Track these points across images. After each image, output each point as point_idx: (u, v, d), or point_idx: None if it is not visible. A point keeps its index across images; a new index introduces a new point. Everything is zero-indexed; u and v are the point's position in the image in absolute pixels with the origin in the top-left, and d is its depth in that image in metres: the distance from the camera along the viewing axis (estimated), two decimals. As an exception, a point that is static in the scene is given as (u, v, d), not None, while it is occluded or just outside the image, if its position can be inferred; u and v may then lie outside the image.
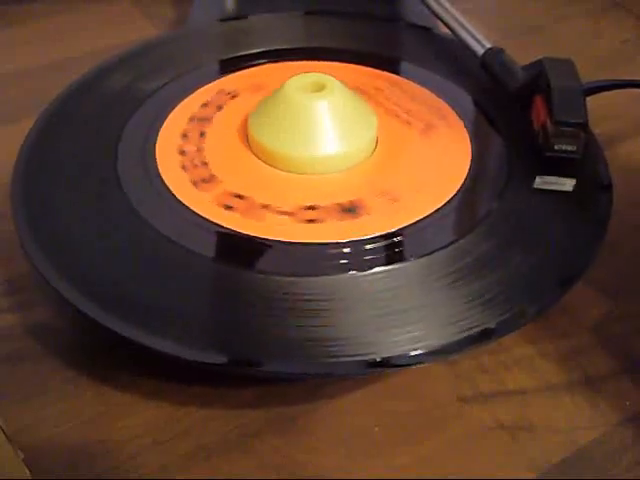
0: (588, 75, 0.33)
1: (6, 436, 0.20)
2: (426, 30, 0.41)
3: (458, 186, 0.31)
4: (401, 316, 0.26)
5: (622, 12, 0.50)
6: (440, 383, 0.27)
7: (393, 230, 0.29)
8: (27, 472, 0.22)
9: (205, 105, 0.35)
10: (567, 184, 0.31)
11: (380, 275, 0.27)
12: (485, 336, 0.25)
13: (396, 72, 0.38)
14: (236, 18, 0.42)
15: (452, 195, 0.30)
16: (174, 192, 0.30)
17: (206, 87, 0.36)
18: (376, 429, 0.25)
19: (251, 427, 0.25)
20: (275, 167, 0.32)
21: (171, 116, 0.34)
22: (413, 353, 0.25)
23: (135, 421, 0.26)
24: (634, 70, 0.44)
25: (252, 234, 0.28)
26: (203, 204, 0.30)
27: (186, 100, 0.35)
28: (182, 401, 0.26)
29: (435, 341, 0.25)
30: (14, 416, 0.25)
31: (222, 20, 0.42)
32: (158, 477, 0.24)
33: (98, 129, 0.33)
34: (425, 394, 0.27)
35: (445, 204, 0.30)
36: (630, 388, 0.27)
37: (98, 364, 0.27)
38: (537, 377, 0.27)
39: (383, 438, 0.25)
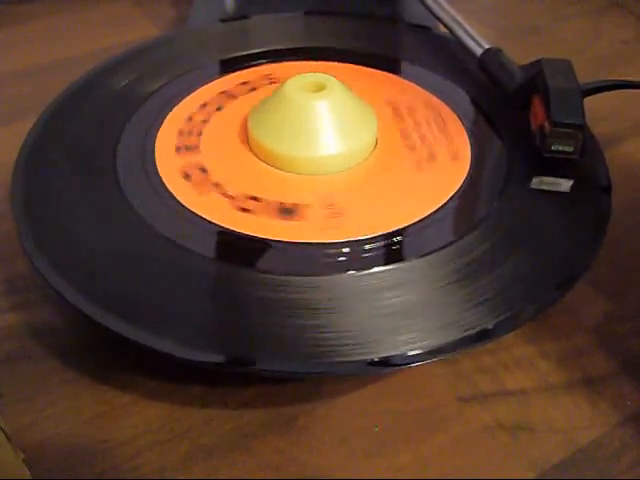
0: (588, 75, 0.33)
1: (6, 436, 0.20)
2: (426, 30, 0.41)
3: (457, 187, 0.31)
4: (399, 316, 0.26)
5: (622, 12, 0.50)
6: (440, 383, 0.27)
7: (392, 230, 0.29)
8: (27, 472, 0.22)
9: (204, 105, 0.35)
10: (564, 185, 0.31)
11: (379, 275, 0.27)
12: (484, 336, 0.25)
13: (396, 72, 0.38)
14: (236, 18, 0.42)
15: (451, 196, 0.30)
16: (173, 193, 0.30)
17: (206, 87, 0.36)
18: (376, 429, 0.26)
19: (251, 427, 0.25)
20: (275, 167, 0.32)
21: (170, 116, 0.34)
22: (411, 353, 0.25)
23: (135, 421, 0.26)
24: (634, 70, 0.44)
25: (251, 233, 0.28)
26: (202, 204, 0.30)
27: (185, 100, 0.35)
28: (182, 401, 0.26)
29: (433, 341, 0.25)
30: (14, 416, 0.25)
31: (222, 20, 0.42)
32: (158, 477, 0.24)
33: (98, 129, 0.34)
34: (425, 394, 0.27)
35: (444, 204, 0.30)
36: (630, 388, 0.27)
37: (98, 364, 0.27)
38: (537, 377, 0.27)
39: (383, 438, 0.25)
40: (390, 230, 0.29)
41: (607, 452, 0.25)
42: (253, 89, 0.36)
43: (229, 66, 0.38)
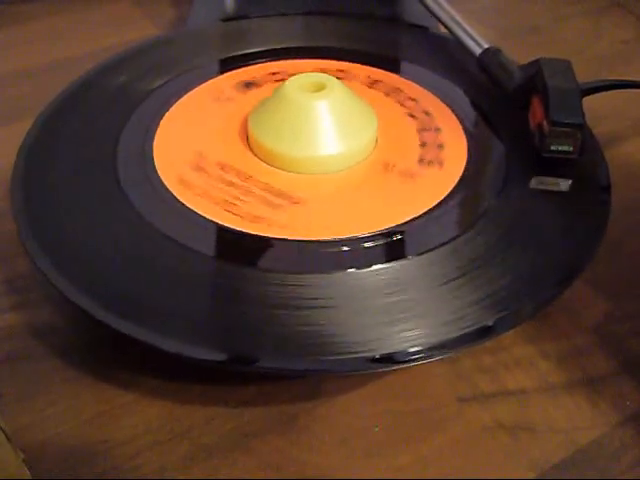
0: (588, 75, 0.33)
1: (6, 436, 0.20)
2: (425, 30, 0.41)
3: (454, 185, 0.31)
4: (400, 313, 0.26)
5: (622, 12, 0.50)
6: (440, 383, 0.27)
7: (391, 227, 0.29)
8: (27, 472, 0.22)
9: (204, 105, 0.35)
10: (562, 185, 0.31)
11: (379, 272, 0.27)
12: (484, 333, 0.25)
13: (395, 72, 0.38)
14: (236, 18, 0.42)
15: (449, 193, 0.30)
16: (173, 192, 0.30)
17: (205, 86, 0.36)
18: (376, 429, 0.26)
19: (251, 426, 0.25)
20: (275, 167, 0.32)
21: (170, 115, 0.34)
22: (411, 350, 0.25)
23: (135, 421, 0.26)
24: (634, 70, 0.44)
25: (252, 232, 0.28)
26: (202, 203, 0.30)
27: (185, 100, 0.35)
28: (182, 400, 0.26)
29: (434, 338, 0.25)
30: (14, 416, 0.25)
31: (222, 20, 0.42)
32: (158, 477, 0.24)
33: (97, 129, 0.34)
34: (425, 394, 0.27)
35: (442, 202, 0.30)
36: (630, 388, 0.27)
37: (98, 363, 0.27)
38: (537, 377, 0.27)
39: (383, 438, 0.25)
40: (391, 227, 0.29)
41: (607, 452, 0.25)
42: (253, 88, 0.36)
43: (228, 66, 0.38)
